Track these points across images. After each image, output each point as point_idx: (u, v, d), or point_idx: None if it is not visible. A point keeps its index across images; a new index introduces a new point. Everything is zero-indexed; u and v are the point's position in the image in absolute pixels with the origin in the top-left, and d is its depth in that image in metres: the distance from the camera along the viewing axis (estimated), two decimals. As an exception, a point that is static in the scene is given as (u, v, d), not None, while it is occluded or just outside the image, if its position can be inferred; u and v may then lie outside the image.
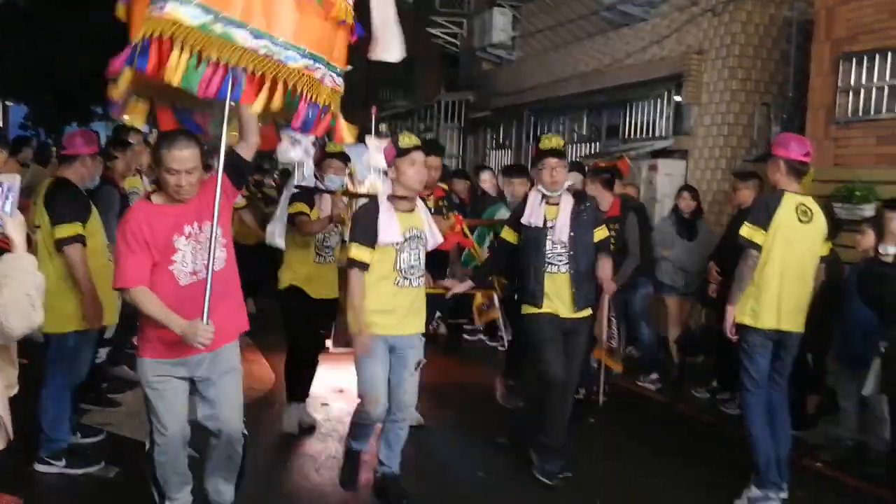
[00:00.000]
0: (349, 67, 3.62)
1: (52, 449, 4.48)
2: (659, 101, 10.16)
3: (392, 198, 4.15)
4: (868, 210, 6.12)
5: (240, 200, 7.53)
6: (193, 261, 3.41)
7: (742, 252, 4.46)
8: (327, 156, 5.43)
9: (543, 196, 4.72)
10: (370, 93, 16.81)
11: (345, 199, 5.54)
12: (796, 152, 4.45)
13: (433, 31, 15.42)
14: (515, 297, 5.55)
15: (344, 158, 5.48)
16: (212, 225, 3.32)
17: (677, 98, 9.70)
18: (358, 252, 4.08)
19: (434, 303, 5.01)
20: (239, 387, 3.66)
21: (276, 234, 5.63)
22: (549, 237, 4.66)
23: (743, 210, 6.04)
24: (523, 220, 4.72)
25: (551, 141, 4.73)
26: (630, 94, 10.59)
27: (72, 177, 4.61)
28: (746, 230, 4.43)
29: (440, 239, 4.36)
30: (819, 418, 5.88)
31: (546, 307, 4.69)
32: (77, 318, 4.47)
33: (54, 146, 12.62)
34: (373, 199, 4.30)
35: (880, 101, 6.78)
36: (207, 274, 3.32)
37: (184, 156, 3.31)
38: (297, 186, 5.43)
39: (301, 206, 5.20)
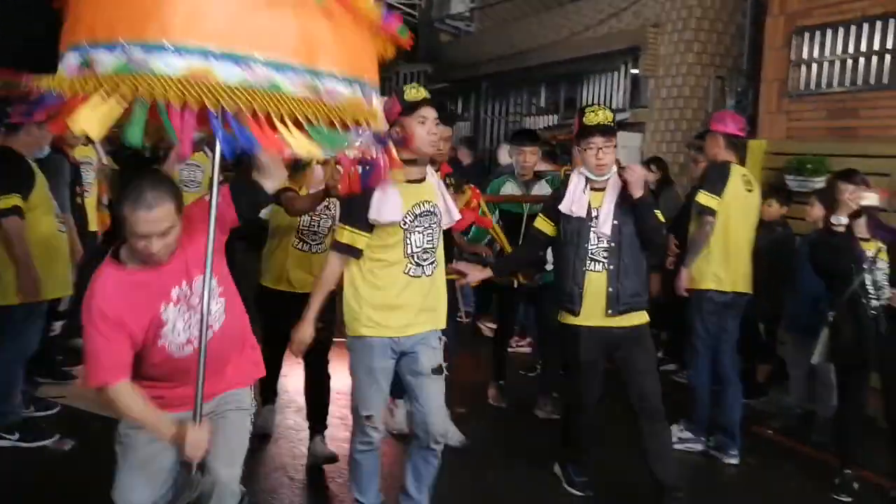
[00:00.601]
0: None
1: (5, 422, 4.41)
2: (616, 74, 10.21)
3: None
4: (819, 182, 6.24)
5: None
6: (187, 328, 2.68)
7: (698, 219, 4.64)
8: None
9: (588, 180, 3.89)
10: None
11: (340, 168, 4.57)
12: (733, 127, 4.86)
13: (391, 1, 15.27)
14: (537, 286, 5.27)
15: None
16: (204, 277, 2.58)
17: (634, 71, 9.76)
18: (351, 236, 3.30)
19: (451, 294, 4.10)
20: (242, 432, 2.90)
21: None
22: (592, 229, 3.85)
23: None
24: (563, 209, 3.90)
25: (597, 114, 3.79)
26: (588, 66, 10.62)
27: (17, 146, 4.49)
28: (703, 197, 4.70)
29: (457, 216, 3.63)
30: (770, 387, 6.03)
31: (585, 317, 3.89)
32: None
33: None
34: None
35: (832, 74, 6.89)
36: (201, 350, 2.60)
37: (153, 217, 2.47)
38: None
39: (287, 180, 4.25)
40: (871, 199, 3.96)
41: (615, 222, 3.82)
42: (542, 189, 5.37)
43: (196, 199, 6.72)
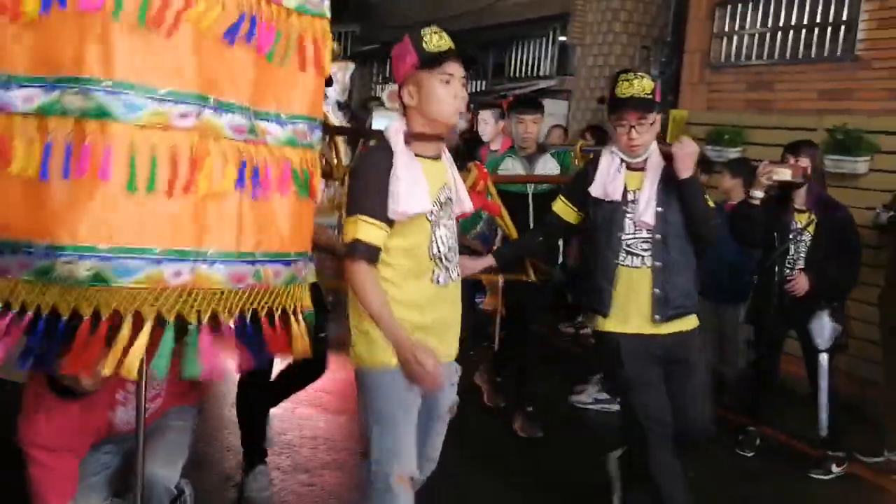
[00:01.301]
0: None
1: None
2: (544, 40, 10.27)
3: (412, 138, 2.50)
4: (734, 153, 6.43)
5: None
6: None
7: None
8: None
9: (622, 160, 3.22)
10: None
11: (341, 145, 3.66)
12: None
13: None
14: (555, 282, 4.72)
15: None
16: None
17: (562, 38, 9.83)
18: (365, 229, 2.41)
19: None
20: (183, 435, 2.87)
21: None
22: (628, 215, 3.17)
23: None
24: (594, 192, 3.21)
25: (632, 84, 3.10)
26: (516, 32, 10.65)
27: None
28: None
29: (469, 205, 2.79)
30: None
31: (622, 322, 3.19)
32: None
33: None
34: (379, 140, 2.56)
35: (751, 47, 7.07)
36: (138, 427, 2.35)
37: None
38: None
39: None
40: (783, 174, 4.05)
41: (659, 209, 3.12)
42: (547, 164, 4.61)
43: None
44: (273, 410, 3.96)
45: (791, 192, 4.24)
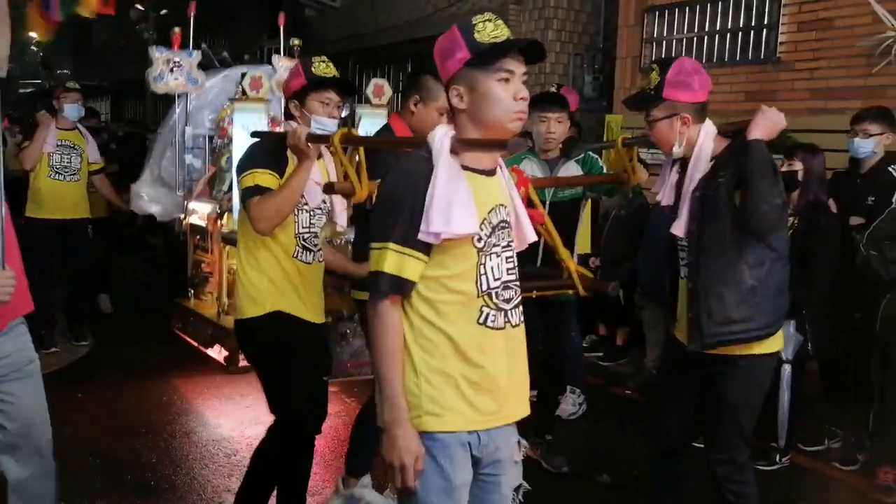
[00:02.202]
0: None
1: None
2: (480, 50, 10.37)
3: (460, 146, 2.04)
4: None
5: (96, 160, 6.34)
6: None
7: None
8: (317, 84, 2.98)
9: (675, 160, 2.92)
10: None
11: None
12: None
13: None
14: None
15: (343, 87, 3.08)
16: None
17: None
18: (395, 261, 1.97)
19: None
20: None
21: (145, 197, 4.76)
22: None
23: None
24: (661, 199, 3.03)
25: (651, 77, 2.89)
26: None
27: None
28: None
29: (532, 236, 2.31)
30: (627, 350, 6.37)
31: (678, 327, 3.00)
32: None
33: None
34: (419, 148, 2.11)
35: (679, 52, 7.25)
36: None
37: None
38: (255, 133, 3.26)
39: (263, 176, 2.85)
40: None
41: (693, 226, 2.79)
42: (570, 170, 4.10)
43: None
44: (224, 431, 3.94)
45: (789, 193, 4.23)
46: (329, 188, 2.82)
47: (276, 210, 2.79)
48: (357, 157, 2.81)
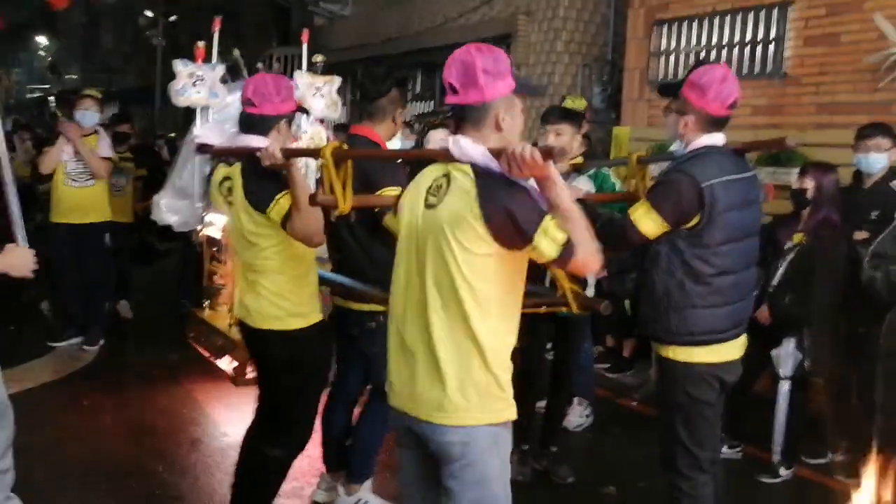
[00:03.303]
0: None
1: None
2: (489, 60, 10.43)
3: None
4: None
5: (106, 154, 6.25)
6: None
7: None
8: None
9: None
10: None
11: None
12: None
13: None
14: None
15: None
16: None
17: (506, 58, 10.00)
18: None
19: None
20: None
21: (164, 208, 4.82)
22: None
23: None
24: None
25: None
26: (462, 53, 10.80)
27: None
28: None
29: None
30: (634, 361, 6.39)
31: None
32: None
33: None
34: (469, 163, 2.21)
35: (687, 65, 7.28)
36: None
37: None
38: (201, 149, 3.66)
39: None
40: None
41: None
42: (580, 185, 3.98)
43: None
44: (231, 440, 3.95)
45: (801, 210, 4.26)
46: (311, 199, 2.79)
47: (315, 220, 2.87)
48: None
